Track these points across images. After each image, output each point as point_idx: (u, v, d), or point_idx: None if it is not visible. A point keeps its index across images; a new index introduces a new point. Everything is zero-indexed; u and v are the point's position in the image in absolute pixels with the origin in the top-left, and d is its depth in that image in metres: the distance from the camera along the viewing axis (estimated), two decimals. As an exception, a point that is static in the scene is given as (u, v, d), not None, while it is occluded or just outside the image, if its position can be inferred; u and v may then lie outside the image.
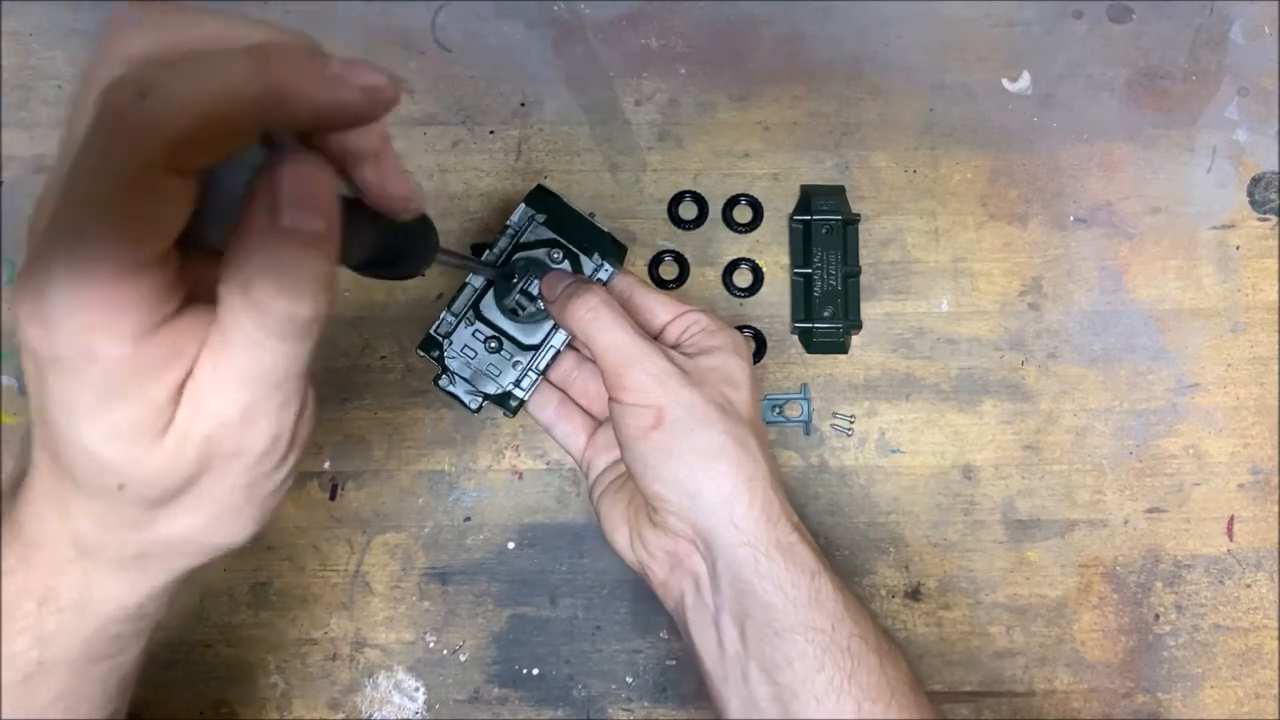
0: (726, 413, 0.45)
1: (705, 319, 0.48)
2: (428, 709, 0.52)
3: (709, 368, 0.46)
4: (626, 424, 0.45)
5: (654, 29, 0.54)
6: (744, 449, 0.44)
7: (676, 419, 0.44)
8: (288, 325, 0.28)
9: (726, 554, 0.43)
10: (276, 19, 0.54)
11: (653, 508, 0.45)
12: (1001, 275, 0.54)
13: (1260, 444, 0.53)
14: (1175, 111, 0.55)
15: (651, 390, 0.44)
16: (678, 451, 0.44)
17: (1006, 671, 0.52)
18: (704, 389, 0.45)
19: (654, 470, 0.44)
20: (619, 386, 0.45)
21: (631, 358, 0.45)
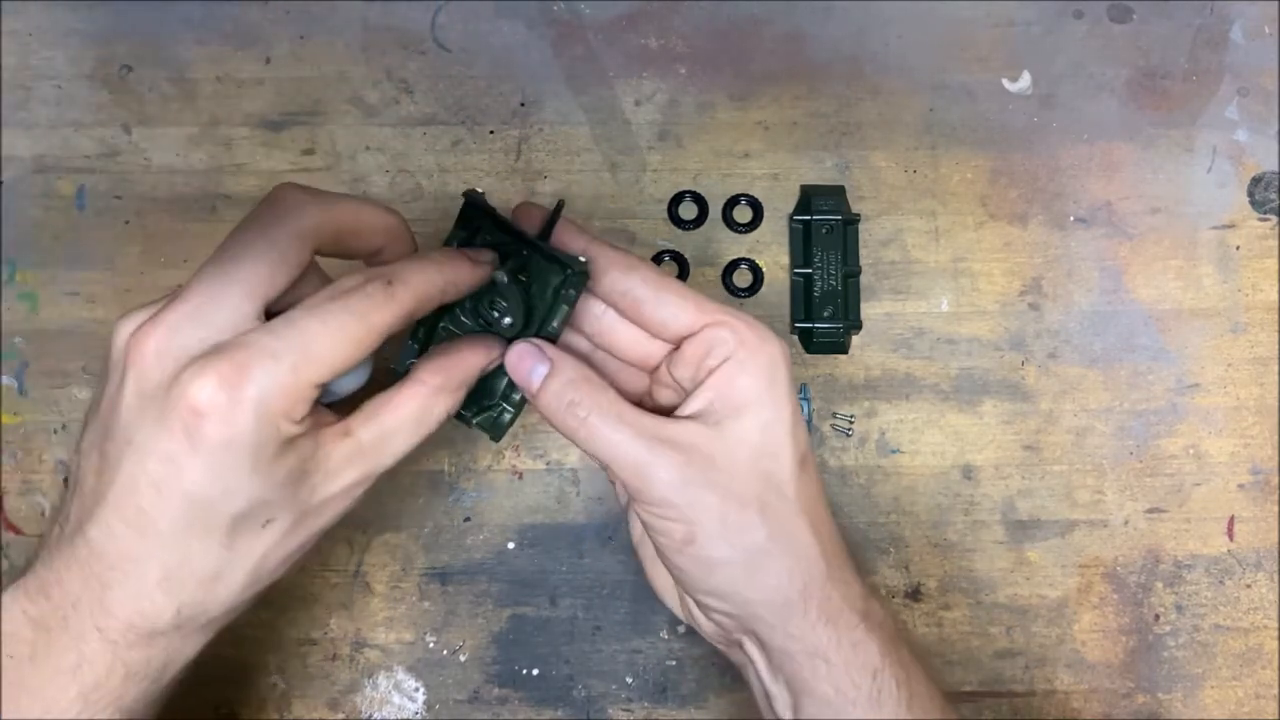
0: (768, 506, 0.39)
1: (732, 339, 0.40)
2: (427, 709, 0.52)
3: (742, 439, 0.40)
4: (655, 537, 0.40)
5: (654, 29, 0.54)
6: (792, 546, 0.40)
7: (710, 535, 0.39)
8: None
9: (782, 657, 0.40)
10: (276, 19, 0.54)
11: (701, 605, 0.42)
12: (1001, 275, 0.54)
13: (1260, 444, 0.53)
14: (1175, 111, 0.55)
15: (674, 505, 0.39)
16: (717, 566, 0.39)
17: (1007, 672, 0.52)
18: (737, 482, 0.39)
19: (695, 582, 0.40)
20: (636, 498, 0.40)
21: (641, 467, 0.39)
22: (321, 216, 0.38)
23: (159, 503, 0.35)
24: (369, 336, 0.36)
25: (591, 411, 0.39)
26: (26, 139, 0.53)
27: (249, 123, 0.54)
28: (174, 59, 0.54)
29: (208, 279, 0.36)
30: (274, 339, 0.35)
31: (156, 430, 0.34)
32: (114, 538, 0.35)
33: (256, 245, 0.36)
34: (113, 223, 0.53)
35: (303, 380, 0.35)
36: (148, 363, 0.35)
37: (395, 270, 0.38)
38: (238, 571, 0.37)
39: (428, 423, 0.40)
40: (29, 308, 0.53)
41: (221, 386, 0.34)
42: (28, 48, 0.54)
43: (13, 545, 0.52)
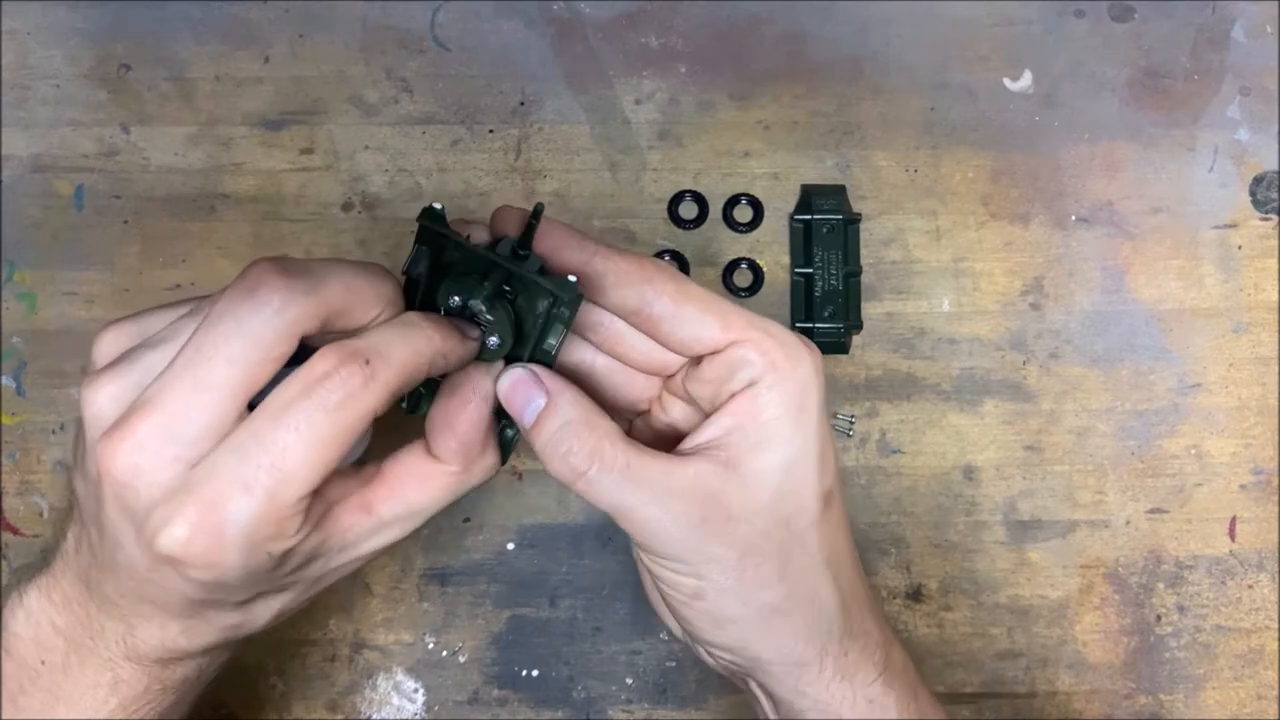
0: (788, 559, 0.36)
1: (760, 362, 0.35)
2: (427, 710, 0.52)
3: (762, 480, 0.35)
4: (662, 584, 0.37)
5: (654, 28, 0.54)
6: (811, 601, 0.37)
7: (722, 590, 0.36)
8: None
9: (790, 710, 0.38)
10: (275, 18, 0.54)
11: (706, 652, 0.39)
12: (1003, 275, 0.54)
13: (1262, 444, 0.53)
14: (1177, 111, 0.55)
15: (685, 560, 0.35)
16: (727, 622, 0.37)
17: (1008, 673, 0.52)
18: (755, 533, 0.35)
19: (701, 634, 0.38)
20: (643, 548, 0.37)
21: (648, 523, 0.35)
22: (307, 304, 0.32)
23: (162, 598, 0.34)
24: (348, 434, 0.32)
25: (594, 464, 0.35)
26: (25, 138, 0.53)
27: (248, 122, 0.53)
28: (173, 58, 0.54)
29: (180, 385, 0.32)
30: (242, 464, 0.31)
31: (140, 551, 0.33)
32: (126, 598, 0.35)
33: (233, 344, 0.32)
34: (111, 222, 0.53)
35: (283, 502, 0.32)
36: (121, 483, 0.32)
37: (376, 344, 0.33)
38: (257, 620, 0.37)
39: (464, 490, 0.37)
40: (27, 308, 0.53)
41: (195, 533, 0.31)
42: (26, 47, 0.54)
43: (12, 545, 0.52)
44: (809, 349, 0.37)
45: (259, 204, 0.53)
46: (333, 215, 0.53)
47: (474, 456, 0.36)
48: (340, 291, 0.33)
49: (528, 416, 0.36)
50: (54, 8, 0.54)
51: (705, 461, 0.35)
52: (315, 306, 0.32)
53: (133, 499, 0.32)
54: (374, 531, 0.36)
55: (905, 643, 0.52)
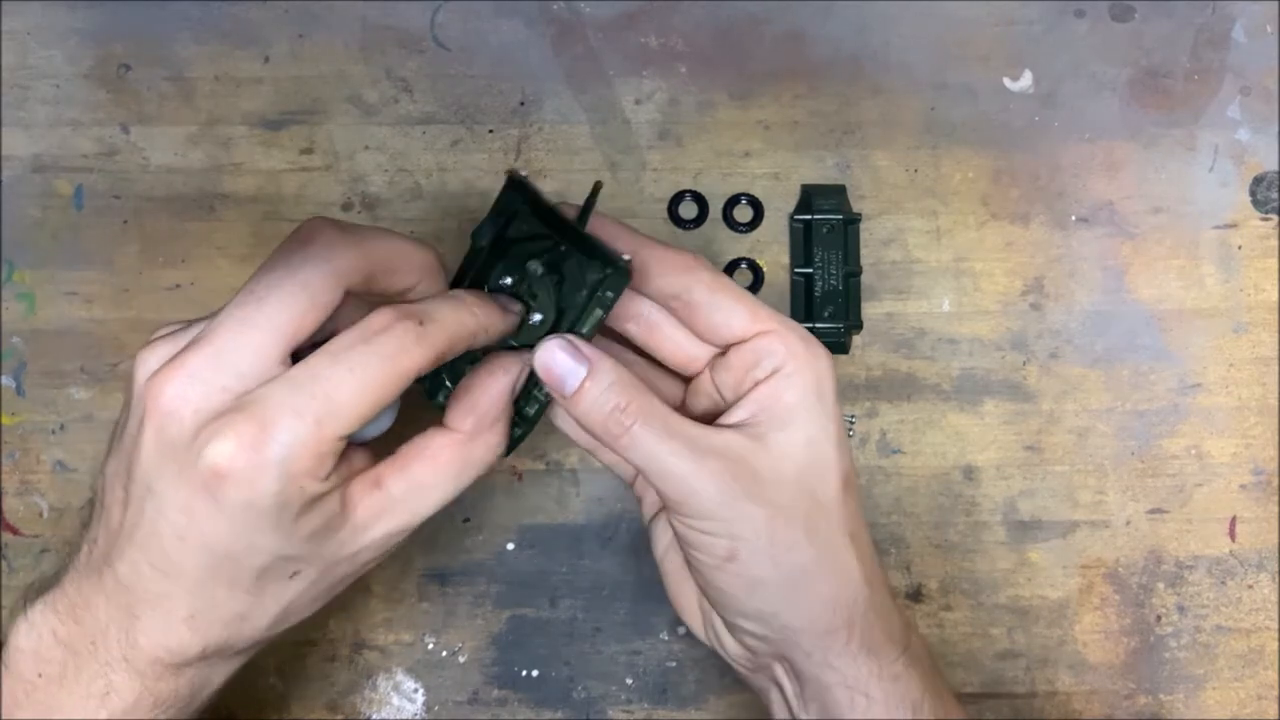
0: (814, 525, 0.38)
1: (782, 350, 0.38)
2: (426, 710, 0.52)
3: (787, 453, 0.38)
4: (693, 549, 0.38)
5: (654, 28, 0.54)
6: (838, 568, 0.38)
7: (754, 551, 0.37)
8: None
9: (817, 688, 0.38)
10: (275, 18, 0.54)
11: (732, 626, 0.40)
12: (1003, 275, 0.54)
13: (1262, 444, 0.53)
14: (1177, 111, 0.54)
15: (718, 518, 0.37)
16: (759, 587, 0.38)
17: (1008, 673, 0.52)
18: (783, 497, 0.37)
19: (732, 603, 0.39)
20: (674, 508, 0.38)
21: (686, 479, 0.37)
22: (355, 256, 0.35)
23: (183, 551, 0.34)
24: (397, 382, 0.34)
25: (637, 419, 0.37)
26: (24, 138, 0.53)
27: (248, 122, 0.53)
28: (172, 58, 0.54)
29: (231, 322, 0.34)
30: (296, 393, 0.33)
31: (177, 483, 0.33)
32: (141, 576, 0.35)
33: (284, 286, 0.34)
34: (111, 222, 0.53)
35: (327, 435, 0.33)
36: (166, 412, 0.34)
37: (428, 309, 0.36)
38: (264, 614, 0.37)
39: (470, 470, 0.38)
40: (27, 308, 0.53)
41: (243, 448, 0.32)
42: (26, 47, 0.54)
43: (11, 545, 0.52)
44: (824, 348, 0.40)
45: (259, 204, 0.53)
46: (333, 215, 0.53)
47: (483, 426, 0.38)
48: (385, 252, 0.36)
49: (569, 385, 0.37)
50: (54, 8, 0.54)
51: (734, 434, 0.38)
52: (361, 260, 0.35)
53: (177, 428, 0.33)
54: (382, 510, 0.36)
55: (905, 643, 0.52)
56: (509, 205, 0.40)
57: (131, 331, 0.52)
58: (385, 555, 0.38)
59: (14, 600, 0.40)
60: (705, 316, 0.39)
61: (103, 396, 0.52)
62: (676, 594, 0.43)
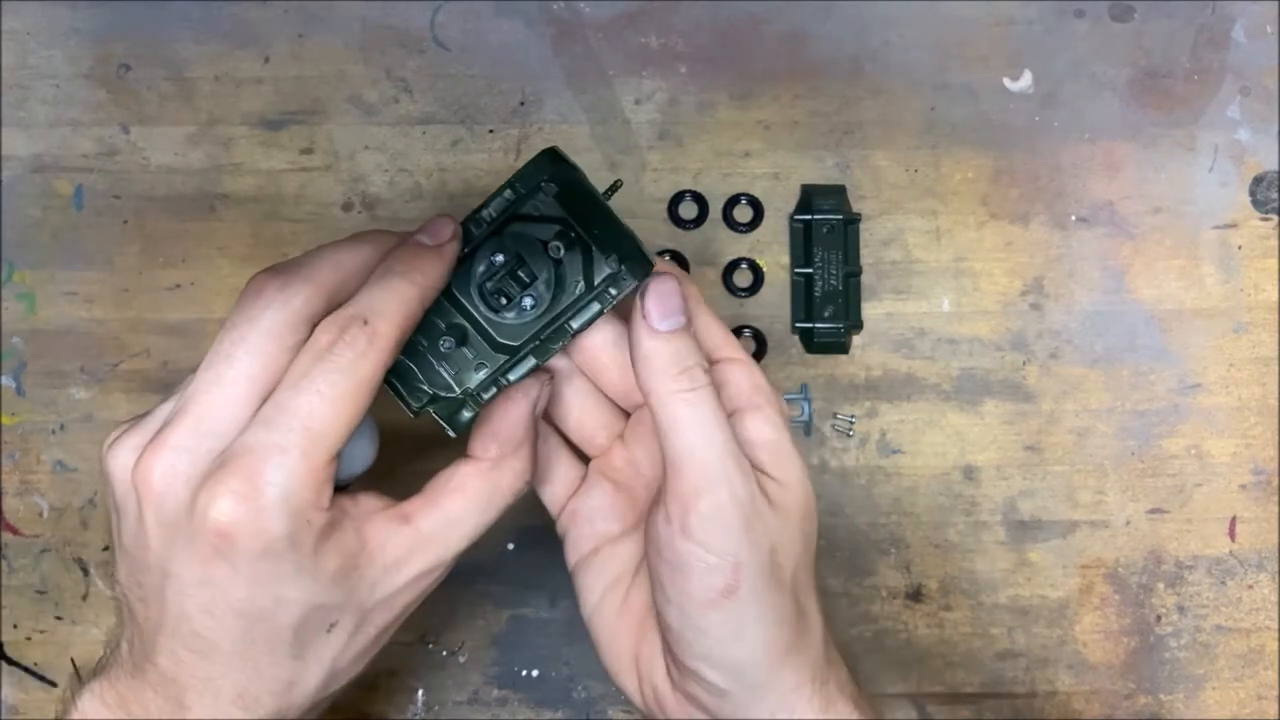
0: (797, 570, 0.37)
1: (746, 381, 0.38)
2: (427, 710, 0.52)
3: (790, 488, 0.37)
4: (686, 580, 0.35)
5: (654, 28, 0.54)
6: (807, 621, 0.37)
7: (754, 587, 0.35)
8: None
9: None
10: (275, 18, 0.54)
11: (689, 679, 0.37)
12: (1003, 275, 0.54)
13: (1262, 444, 0.53)
14: (1177, 111, 0.54)
15: (731, 532, 0.34)
16: (748, 631, 0.35)
17: (1008, 673, 0.52)
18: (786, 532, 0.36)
19: (709, 648, 0.36)
20: (690, 509, 0.35)
21: (719, 473, 0.35)
22: (309, 292, 0.35)
23: (215, 626, 0.34)
24: (364, 389, 0.34)
25: (708, 387, 0.35)
26: (24, 138, 0.53)
27: (248, 122, 0.53)
28: (172, 58, 0.54)
29: (204, 385, 0.34)
30: (272, 430, 0.33)
31: (189, 557, 0.33)
32: (181, 664, 0.35)
33: (250, 339, 0.34)
34: (111, 222, 0.53)
35: (316, 462, 0.33)
36: (161, 493, 0.34)
37: (366, 305, 0.35)
38: (311, 678, 0.36)
39: (499, 499, 0.38)
40: (27, 308, 0.53)
41: (240, 499, 0.32)
42: (26, 47, 0.54)
43: (11, 545, 0.52)
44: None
45: (259, 204, 0.53)
46: (333, 215, 0.53)
47: (507, 451, 0.37)
48: (332, 271, 0.36)
49: (665, 324, 0.36)
50: (54, 8, 0.54)
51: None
52: (314, 291, 0.35)
53: (174, 504, 0.33)
54: (414, 546, 0.36)
55: (904, 644, 0.52)
56: (533, 180, 0.39)
57: (131, 331, 0.52)
58: (422, 597, 0.38)
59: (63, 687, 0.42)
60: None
61: (103, 396, 0.52)
62: (609, 649, 0.40)
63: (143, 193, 0.53)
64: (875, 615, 0.52)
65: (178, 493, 0.33)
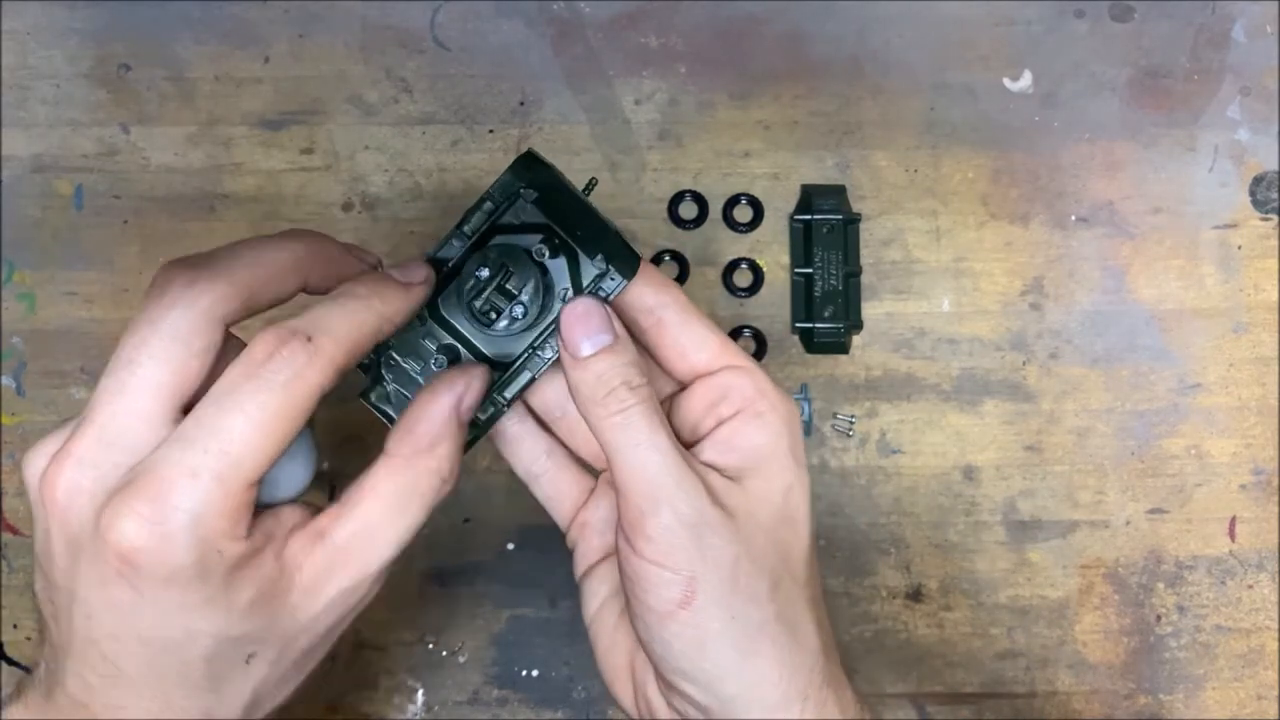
0: (779, 579, 0.34)
1: (750, 388, 0.36)
2: (427, 710, 0.52)
3: (762, 498, 0.35)
4: (644, 592, 0.34)
5: (654, 28, 0.54)
6: (796, 634, 0.35)
7: (713, 598, 0.33)
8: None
9: None
10: (275, 18, 0.54)
11: (672, 692, 0.36)
12: (1003, 275, 0.54)
13: (1262, 444, 0.53)
14: (1177, 111, 0.54)
15: (682, 549, 0.33)
16: (711, 642, 0.34)
17: (1008, 673, 0.52)
18: (754, 542, 0.34)
19: (677, 660, 0.34)
20: (637, 532, 0.34)
21: (662, 493, 0.33)
22: (219, 290, 0.32)
23: (121, 652, 0.32)
24: (296, 412, 0.31)
25: (641, 403, 0.34)
26: (25, 138, 0.53)
27: (247, 122, 0.53)
28: (172, 58, 0.54)
29: (107, 395, 0.32)
30: (188, 450, 0.30)
31: (93, 578, 0.31)
32: (90, 689, 0.32)
33: (152, 342, 0.31)
34: (111, 222, 0.53)
35: (232, 489, 0.30)
36: (63, 507, 0.31)
37: (313, 320, 0.32)
38: (229, 710, 0.33)
39: (416, 500, 0.34)
40: (27, 308, 0.53)
41: (143, 524, 0.30)
42: (26, 47, 0.54)
43: (11, 545, 0.52)
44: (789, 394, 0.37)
45: (259, 204, 0.53)
46: (332, 215, 0.53)
47: (421, 449, 0.34)
48: (250, 270, 0.33)
49: (588, 346, 0.35)
50: (53, 8, 0.54)
51: (712, 469, 0.35)
52: (228, 290, 0.32)
53: (77, 520, 0.31)
54: (332, 564, 0.33)
55: (904, 643, 0.52)
56: (511, 189, 0.38)
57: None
58: (352, 616, 0.35)
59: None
60: (675, 337, 0.37)
61: (103, 396, 0.52)
62: (606, 658, 0.39)
63: (143, 193, 0.53)
64: (875, 615, 0.52)
65: (81, 508, 0.31)
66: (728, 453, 0.36)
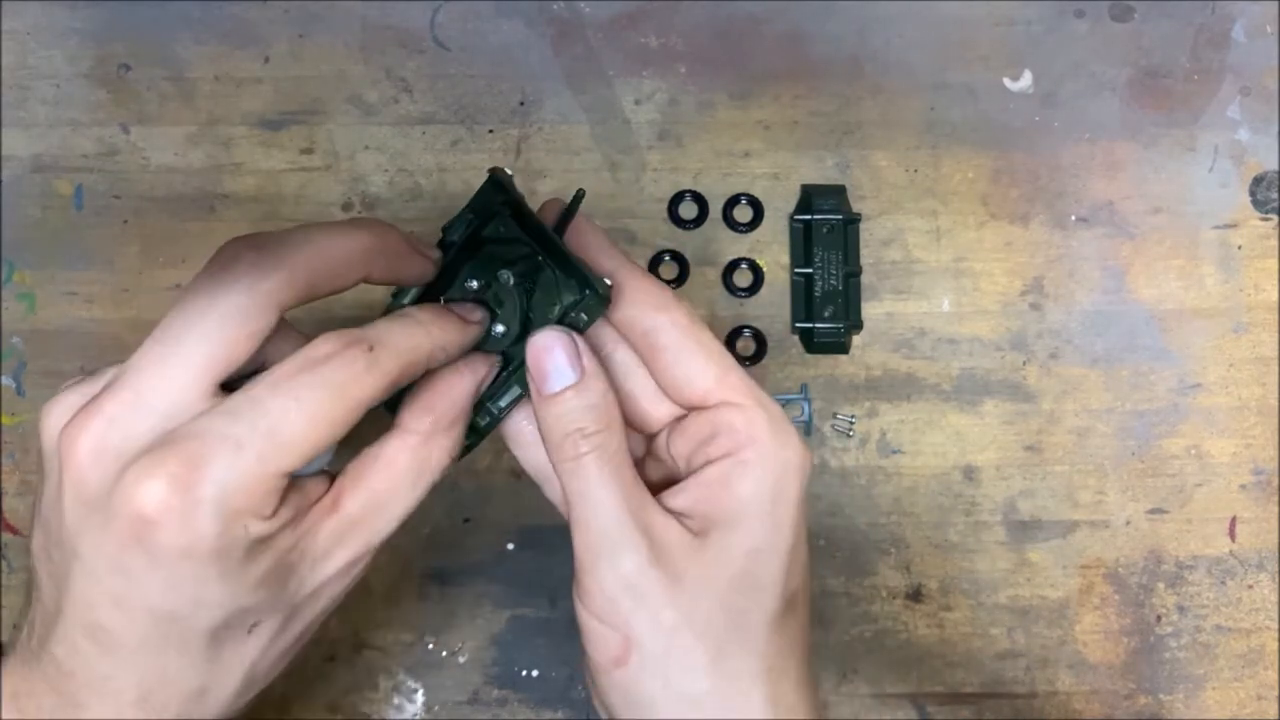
0: (725, 652, 0.32)
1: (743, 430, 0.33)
2: (427, 710, 0.52)
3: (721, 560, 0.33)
4: (586, 641, 0.34)
5: (654, 28, 0.54)
6: (736, 709, 0.33)
7: (648, 662, 0.32)
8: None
9: None
10: (275, 18, 0.54)
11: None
12: (1003, 275, 0.54)
13: (1262, 444, 0.53)
14: (1177, 111, 0.54)
15: (619, 608, 0.33)
16: (645, 704, 0.33)
17: (1008, 673, 0.52)
18: (700, 609, 0.32)
19: (615, 711, 0.34)
20: (580, 583, 0.34)
21: (605, 549, 0.33)
22: (282, 276, 0.31)
23: (121, 619, 0.31)
24: (348, 414, 0.31)
25: (595, 451, 0.33)
26: (24, 138, 0.53)
27: (247, 122, 0.53)
28: (172, 58, 0.54)
29: (149, 360, 0.31)
30: (234, 423, 0.29)
31: (103, 541, 0.30)
32: (80, 655, 0.31)
33: (206, 317, 0.31)
34: (111, 222, 0.53)
35: (271, 471, 0.30)
36: (84, 464, 0.30)
37: (379, 333, 0.32)
38: (226, 683, 0.33)
39: (426, 476, 0.35)
40: (27, 308, 0.53)
41: (173, 487, 0.29)
42: (26, 47, 0.54)
43: (11, 545, 0.52)
44: (799, 439, 0.34)
45: (259, 204, 0.53)
46: (332, 215, 0.53)
47: (440, 427, 0.35)
48: (316, 258, 0.32)
49: (553, 384, 0.34)
50: (53, 8, 0.54)
51: (673, 524, 0.34)
52: (291, 276, 0.32)
53: (98, 479, 0.30)
54: (342, 534, 0.33)
55: (904, 644, 0.52)
56: (487, 204, 0.37)
57: (132, 331, 0.52)
58: (350, 586, 0.35)
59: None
60: (669, 363, 0.35)
61: (103, 396, 0.52)
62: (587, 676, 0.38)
63: (143, 193, 0.53)
64: (875, 615, 0.52)
65: (104, 467, 0.30)
66: (704, 500, 0.34)
